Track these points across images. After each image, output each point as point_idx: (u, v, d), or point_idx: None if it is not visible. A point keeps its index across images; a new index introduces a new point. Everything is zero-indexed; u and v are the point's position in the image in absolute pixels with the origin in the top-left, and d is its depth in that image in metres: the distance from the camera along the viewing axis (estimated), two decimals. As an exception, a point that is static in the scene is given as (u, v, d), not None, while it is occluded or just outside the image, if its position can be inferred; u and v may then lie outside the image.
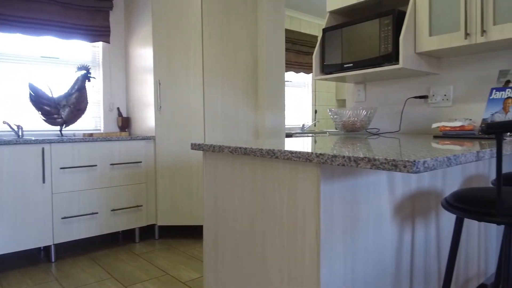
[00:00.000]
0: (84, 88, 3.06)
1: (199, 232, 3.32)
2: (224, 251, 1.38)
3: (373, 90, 2.62)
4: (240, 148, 1.21)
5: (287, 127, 5.33)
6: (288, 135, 4.62)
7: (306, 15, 5.53)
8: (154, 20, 3.03)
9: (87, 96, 3.08)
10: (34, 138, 2.59)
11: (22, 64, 3.05)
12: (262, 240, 1.21)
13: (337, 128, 2.43)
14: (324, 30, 2.38)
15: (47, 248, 2.86)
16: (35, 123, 3.11)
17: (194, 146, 1.43)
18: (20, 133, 2.90)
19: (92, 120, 3.41)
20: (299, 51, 5.30)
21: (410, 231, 1.38)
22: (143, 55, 3.17)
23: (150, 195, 3.08)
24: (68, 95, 3.00)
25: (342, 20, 2.55)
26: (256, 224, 1.23)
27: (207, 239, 1.47)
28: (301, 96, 5.64)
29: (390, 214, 1.28)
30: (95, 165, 2.79)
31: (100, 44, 3.42)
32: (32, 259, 2.72)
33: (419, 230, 1.43)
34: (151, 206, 3.09)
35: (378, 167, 0.84)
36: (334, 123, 2.40)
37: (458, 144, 1.39)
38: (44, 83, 3.13)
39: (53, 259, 2.66)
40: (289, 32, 5.18)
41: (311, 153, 0.98)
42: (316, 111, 5.69)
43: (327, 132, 2.52)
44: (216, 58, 3.19)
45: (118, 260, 2.66)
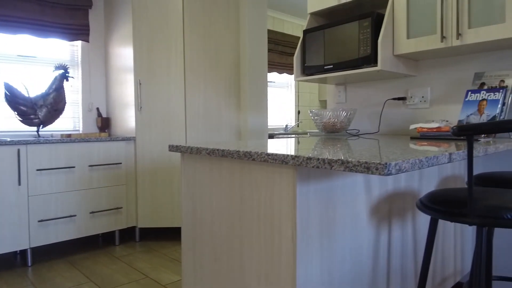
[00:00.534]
0: (62, 88, 3.00)
1: (180, 234, 3.29)
2: (202, 254, 1.37)
3: (353, 91, 2.65)
4: (218, 150, 1.21)
5: (270, 127, 5.34)
6: (270, 136, 4.63)
7: (289, 16, 5.55)
8: (134, 19, 2.98)
9: (65, 96, 3.01)
10: (9, 139, 2.52)
11: (-3, 63, 2.96)
12: (240, 243, 1.20)
13: (318, 129, 2.44)
14: (305, 32, 2.39)
15: (23, 252, 2.78)
16: (11, 124, 3.03)
17: (171, 148, 1.41)
18: (-6, 134, 2.82)
19: (71, 120, 3.34)
20: (282, 52, 5.31)
21: (387, 232, 1.40)
22: (123, 54, 3.13)
23: (130, 197, 3.03)
24: (45, 95, 2.93)
25: (323, 21, 2.57)
26: (234, 227, 1.22)
27: (185, 242, 1.45)
28: (284, 96, 5.65)
29: (367, 215, 1.29)
30: (73, 166, 2.74)
31: (79, 43, 3.35)
32: (8, 264, 2.64)
33: (395, 230, 1.45)
34: (132, 208, 3.04)
35: (351, 169, 0.84)
36: (315, 124, 2.41)
37: (434, 145, 1.42)
38: (20, 83, 3.05)
39: (29, 263, 2.59)
40: (272, 33, 5.19)
41: (287, 155, 0.98)
42: (299, 112, 5.72)
43: (308, 133, 2.53)
44: (198, 58, 3.17)
45: (97, 264, 2.61)
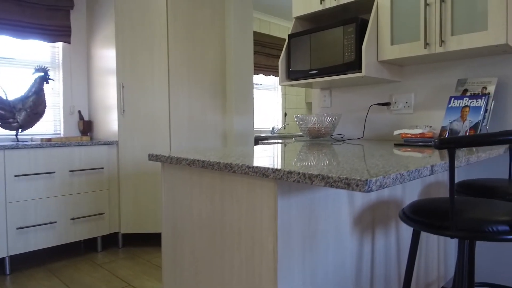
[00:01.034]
0: (42, 91, 2.92)
1: (165, 239, 3.24)
2: (183, 267, 1.34)
3: (338, 96, 2.64)
4: (198, 161, 1.18)
5: (256, 130, 5.32)
6: (257, 139, 4.61)
7: (276, 18, 5.54)
8: (117, 20, 2.93)
9: (45, 99, 2.94)
10: (-15, 144, 2.44)
11: (-26, 65, 2.87)
12: (221, 256, 1.18)
13: (303, 134, 2.43)
14: (290, 36, 2.37)
15: (1, 261, 2.70)
16: (-12, 128, 2.94)
17: (151, 157, 1.38)
18: (-30, 138, 2.73)
19: (52, 124, 3.26)
20: (268, 54, 5.30)
21: (370, 241, 1.39)
22: (106, 56, 3.06)
23: (113, 202, 2.97)
24: (24, 98, 2.85)
25: (308, 25, 2.56)
26: (215, 239, 1.19)
27: (166, 254, 1.42)
28: (271, 99, 5.64)
29: (350, 225, 1.28)
30: (53, 172, 2.67)
31: (60, 44, 3.27)
32: (-16, 273, 2.56)
33: (379, 239, 1.44)
34: (114, 213, 2.98)
35: (331, 185, 0.82)
36: (300, 129, 2.40)
37: (417, 152, 1.42)
38: (-2, 85, 2.96)
39: (7, 272, 2.51)
40: (258, 35, 5.17)
41: (267, 168, 0.96)
42: (285, 114, 5.71)
43: (293, 138, 2.52)
44: (182, 60, 3.12)
45: (77, 271, 2.55)
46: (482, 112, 1.82)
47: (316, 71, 2.22)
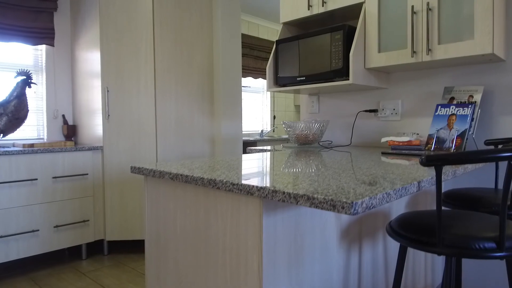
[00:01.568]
0: (24, 95, 2.84)
1: (152, 245, 3.19)
2: (166, 282, 1.30)
3: (326, 102, 2.63)
4: (181, 175, 1.14)
5: (245, 132, 5.29)
6: (245, 143, 4.58)
7: (265, 21, 5.52)
8: (102, 22, 2.87)
9: (28, 104, 2.86)
10: (-36, 151, 2.37)
11: (-48, 68, 2.78)
12: (205, 273, 1.15)
13: (291, 141, 2.41)
14: (277, 42, 2.35)
15: (-19, 270, 2.62)
16: (-32, 133, 2.85)
17: (134, 170, 1.34)
18: (-51, 144, 2.64)
19: (35, 128, 3.18)
20: (257, 57, 5.27)
21: (358, 253, 1.37)
22: (90, 59, 3.00)
23: (97, 209, 2.91)
24: (5, 103, 2.77)
25: (296, 31, 2.54)
26: (199, 255, 1.16)
27: (149, 270, 1.38)
28: (260, 101, 5.62)
29: (337, 238, 1.26)
30: (36, 179, 2.60)
31: (43, 47, 3.20)
32: (-37, 283, 2.48)
33: (366, 251, 1.43)
34: (99, 220, 2.92)
35: (317, 206, 0.80)
36: (288, 136, 2.38)
37: (405, 160, 1.41)
38: (-22, 89, 2.87)
39: (-13, 282, 2.44)
40: (247, 37, 5.14)
41: (252, 186, 0.94)
42: (274, 117, 5.69)
43: (281, 145, 2.50)
44: (169, 63, 3.08)
45: (61, 280, 2.49)
46: (468, 121, 1.82)
47: (304, 78, 2.21)
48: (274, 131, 5.72)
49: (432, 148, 1.91)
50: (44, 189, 2.64)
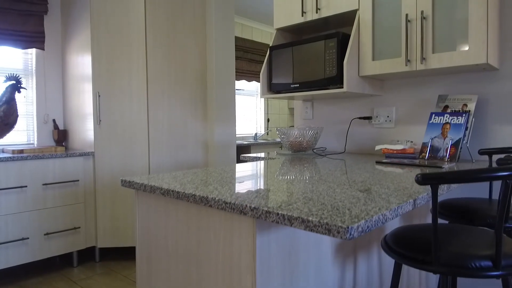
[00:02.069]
0: (13, 100, 2.79)
1: (145, 252, 3.15)
2: (158, 297, 1.28)
3: (320, 108, 2.62)
4: (173, 191, 1.12)
5: (239, 136, 5.27)
6: (239, 147, 4.56)
7: (258, 23, 5.49)
8: (93, 26, 2.82)
9: (17, 109, 2.81)
10: (-49, 159, 2.31)
11: None
12: (197, 290, 1.12)
13: (285, 148, 2.39)
14: (271, 48, 2.33)
15: (-31, 279, 2.57)
16: (-44, 139, 2.79)
17: (124, 183, 1.31)
18: None
19: (24, 133, 3.13)
20: (251, 60, 5.25)
21: (352, 268, 1.36)
22: (81, 63, 2.96)
23: (89, 216, 2.87)
24: (-6, 108, 2.72)
25: (290, 37, 2.52)
26: (191, 274, 1.14)
27: (140, 285, 1.35)
28: (253, 104, 5.60)
29: (331, 254, 1.24)
30: (25, 186, 2.55)
31: (33, 50, 3.15)
32: (-50, 293, 2.43)
33: (361, 265, 1.41)
34: (90, 227, 2.88)
35: (311, 230, 0.78)
36: (282, 142, 2.36)
37: (399, 169, 1.40)
38: (-34, 94, 2.82)
39: (-25, 292, 2.39)
40: (241, 40, 5.12)
41: (245, 205, 0.91)
42: (268, 120, 5.67)
43: (275, 152, 2.48)
44: (162, 68, 3.04)
45: (51, 290, 2.45)
46: (462, 130, 1.82)
47: (298, 85, 2.19)
48: (268, 134, 5.70)
49: (426, 156, 1.91)
50: (34, 196, 2.59)
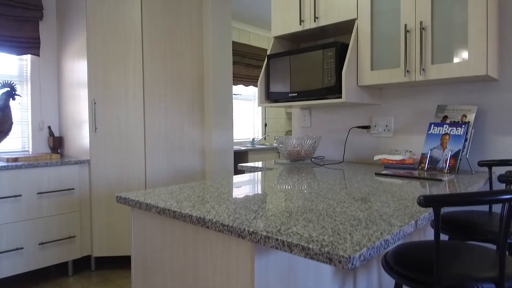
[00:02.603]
0: (8, 108, 2.76)
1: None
2: (154, 316, 1.25)
3: (318, 116, 2.60)
4: (169, 210, 1.09)
5: (236, 141, 5.24)
6: (236, 153, 4.53)
7: (256, 28, 5.48)
8: (89, 32, 2.79)
9: (12, 116, 2.78)
10: None
11: None
12: (194, 311, 1.10)
13: (283, 157, 2.37)
14: (269, 57, 2.31)
15: (-38, 290, 2.53)
16: (-51, 147, 2.75)
17: (119, 200, 1.28)
18: None
19: (19, 140, 3.09)
20: (248, 64, 5.23)
21: (352, 285, 1.34)
22: (77, 69, 2.92)
23: (84, 225, 2.83)
24: (-12, 116, 2.68)
25: (288, 44, 2.50)
26: (188, 293, 1.11)
27: (137, 300, 1.32)
28: (251, 109, 5.57)
29: (331, 273, 1.22)
30: (20, 195, 2.51)
31: (28, 57, 3.11)
32: None
33: (361, 281, 1.39)
34: (86, 236, 2.84)
35: (312, 258, 0.76)
36: (280, 151, 2.34)
37: (399, 180, 1.38)
38: (-41, 101, 2.78)
39: (-32, 303, 2.35)
40: (238, 45, 5.10)
41: (243, 229, 0.89)
42: (266, 125, 5.65)
43: (273, 161, 2.46)
44: (158, 74, 3.02)
45: (46, 301, 2.41)
46: (462, 141, 1.80)
47: (296, 94, 2.17)
48: (265, 139, 5.68)
49: (426, 167, 1.89)
50: (28, 205, 2.56)
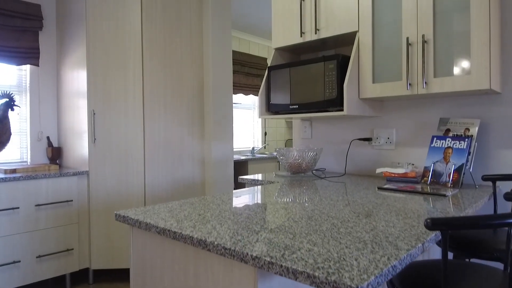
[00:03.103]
0: (6, 119, 2.74)
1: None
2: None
3: (319, 127, 2.58)
4: (169, 231, 1.07)
5: (236, 150, 5.22)
6: (236, 163, 4.51)
7: (255, 37, 5.48)
8: (89, 42, 2.78)
9: (10, 127, 2.75)
10: None
11: None
12: (195, 335, 1.06)
13: (284, 169, 2.35)
14: (270, 68, 2.30)
15: (-43, 304, 2.48)
16: None
17: (118, 218, 1.26)
18: None
19: (18, 151, 3.07)
20: (248, 73, 5.23)
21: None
22: (77, 79, 2.91)
23: (82, 237, 2.80)
24: (-14, 127, 2.66)
25: (289, 56, 2.49)
26: (188, 316, 1.08)
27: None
28: (250, 117, 5.56)
29: (334, 293, 1.19)
30: (17, 207, 2.48)
31: (27, 67, 3.10)
32: None
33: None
34: (84, 248, 2.81)
35: (318, 286, 0.73)
36: (281, 163, 2.31)
37: (402, 195, 1.35)
38: (-43, 112, 2.75)
39: (-37, 318, 2.31)
40: (238, 54, 5.10)
41: (246, 254, 0.87)
42: (265, 133, 5.63)
43: (273, 173, 2.43)
44: (158, 85, 3.00)
45: (43, 316, 2.37)
46: (465, 155, 1.78)
47: (297, 106, 2.15)
48: (265, 147, 5.66)
49: (429, 181, 1.87)
50: (26, 217, 2.52)
